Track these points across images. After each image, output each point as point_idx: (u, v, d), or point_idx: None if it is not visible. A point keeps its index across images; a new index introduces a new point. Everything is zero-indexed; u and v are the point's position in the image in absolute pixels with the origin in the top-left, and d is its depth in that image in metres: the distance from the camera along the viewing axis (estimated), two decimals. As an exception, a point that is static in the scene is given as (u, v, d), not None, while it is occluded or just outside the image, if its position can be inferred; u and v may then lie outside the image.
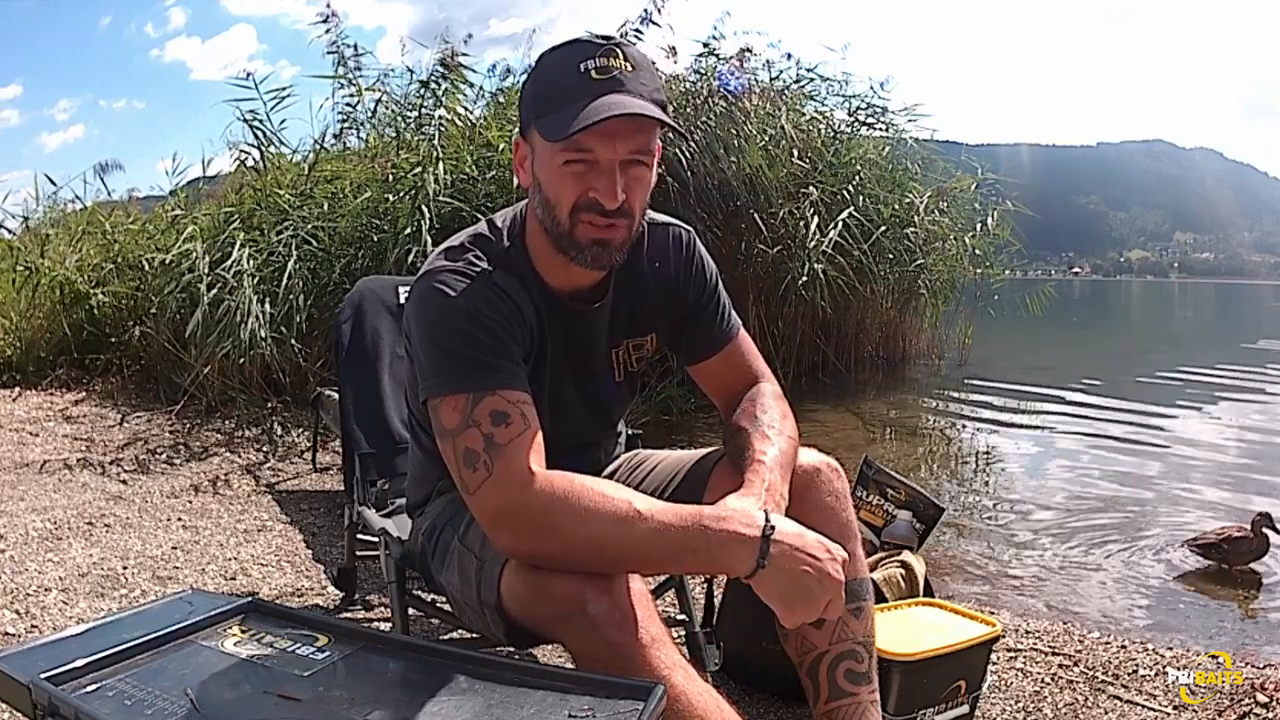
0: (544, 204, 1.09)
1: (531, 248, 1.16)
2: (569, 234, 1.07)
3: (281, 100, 5.07)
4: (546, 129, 1.03)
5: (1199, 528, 3.12)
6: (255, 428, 3.99)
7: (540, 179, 1.08)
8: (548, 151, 1.05)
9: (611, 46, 1.04)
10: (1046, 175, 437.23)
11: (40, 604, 2.07)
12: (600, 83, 1.02)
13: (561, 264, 1.13)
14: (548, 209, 1.08)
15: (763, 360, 1.32)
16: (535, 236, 1.15)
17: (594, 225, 1.06)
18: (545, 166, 1.07)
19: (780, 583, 0.97)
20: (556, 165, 1.05)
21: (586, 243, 1.07)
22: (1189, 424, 5.38)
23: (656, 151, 1.09)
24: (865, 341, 6.70)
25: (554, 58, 1.07)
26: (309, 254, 4.48)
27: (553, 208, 1.07)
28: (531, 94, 1.09)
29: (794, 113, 6.09)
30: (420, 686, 0.91)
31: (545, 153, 1.06)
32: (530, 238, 1.16)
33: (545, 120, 1.04)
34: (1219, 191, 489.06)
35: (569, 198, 1.06)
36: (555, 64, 1.06)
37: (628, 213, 1.07)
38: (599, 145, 1.03)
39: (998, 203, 7.28)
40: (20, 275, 5.14)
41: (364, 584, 2.21)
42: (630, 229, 1.10)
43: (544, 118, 1.04)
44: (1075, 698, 1.69)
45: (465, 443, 1.02)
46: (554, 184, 1.06)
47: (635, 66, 1.04)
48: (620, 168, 1.04)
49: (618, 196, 1.04)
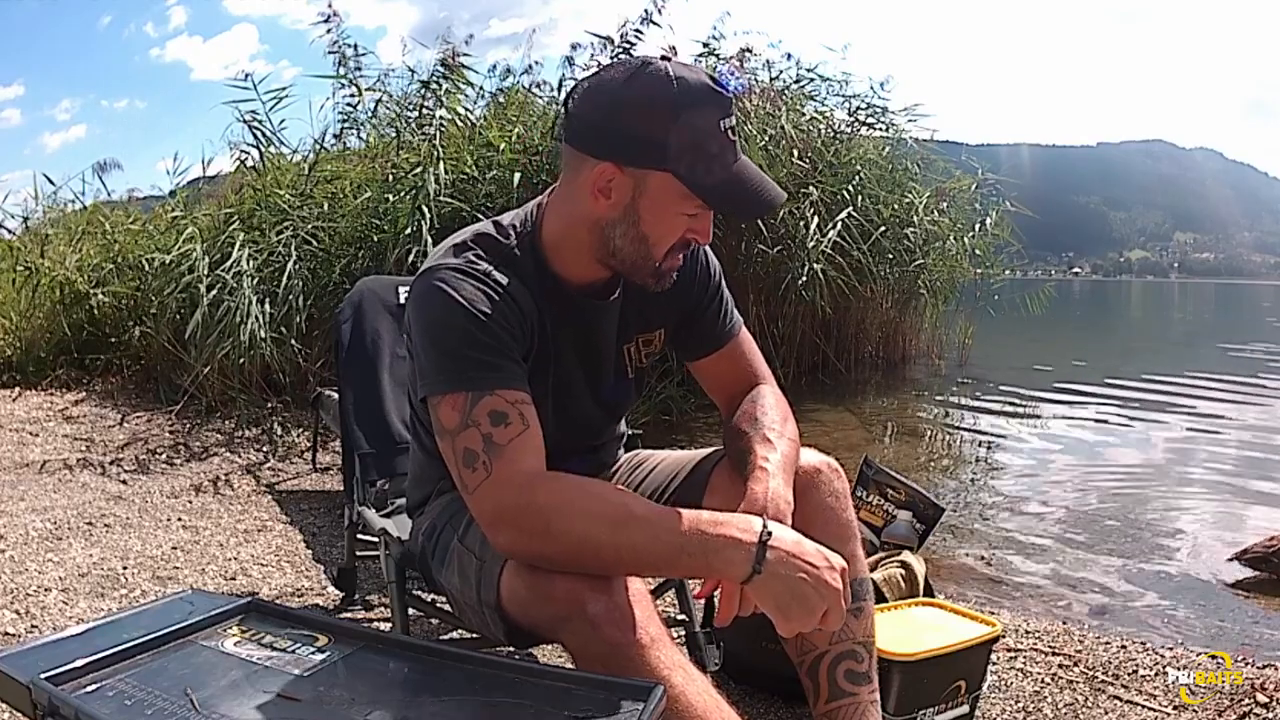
0: (636, 238, 1.10)
1: (546, 246, 1.16)
2: (657, 267, 1.12)
3: (281, 100, 5.08)
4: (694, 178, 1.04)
5: (1199, 528, 3.13)
6: (255, 428, 3.99)
7: (642, 214, 1.08)
8: (675, 197, 1.07)
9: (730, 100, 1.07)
10: (1046, 175, 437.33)
11: (40, 604, 2.07)
12: (734, 143, 1.08)
13: (579, 261, 1.14)
14: (639, 244, 1.10)
15: (764, 361, 1.33)
16: (562, 241, 1.14)
17: (679, 259, 1.14)
18: (660, 208, 1.08)
19: (776, 589, 0.96)
20: (676, 211, 1.08)
21: (668, 271, 1.14)
22: (1189, 424, 5.38)
23: None
24: (865, 341, 6.70)
25: (693, 105, 1.04)
26: (309, 254, 4.49)
27: (649, 244, 1.10)
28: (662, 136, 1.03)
29: (794, 113, 6.09)
30: (420, 686, 0.91)
31: (669, 196, 1.07)
32: (547, 236, 1.15)
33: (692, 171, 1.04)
34: (1219, 191, 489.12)
35: (674, 238, 1.11)
36: (697, 114, 1.04)
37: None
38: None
39: (997, 203, 7.28)
40: (20, 275, 5.14)
41: (364, 584, 2.21)
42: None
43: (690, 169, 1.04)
44: (1075, 698, 1.69)
45: (464, 442, 1.02)
46: (665, 225, 1.09)
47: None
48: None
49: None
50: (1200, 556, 2.81)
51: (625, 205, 1.08)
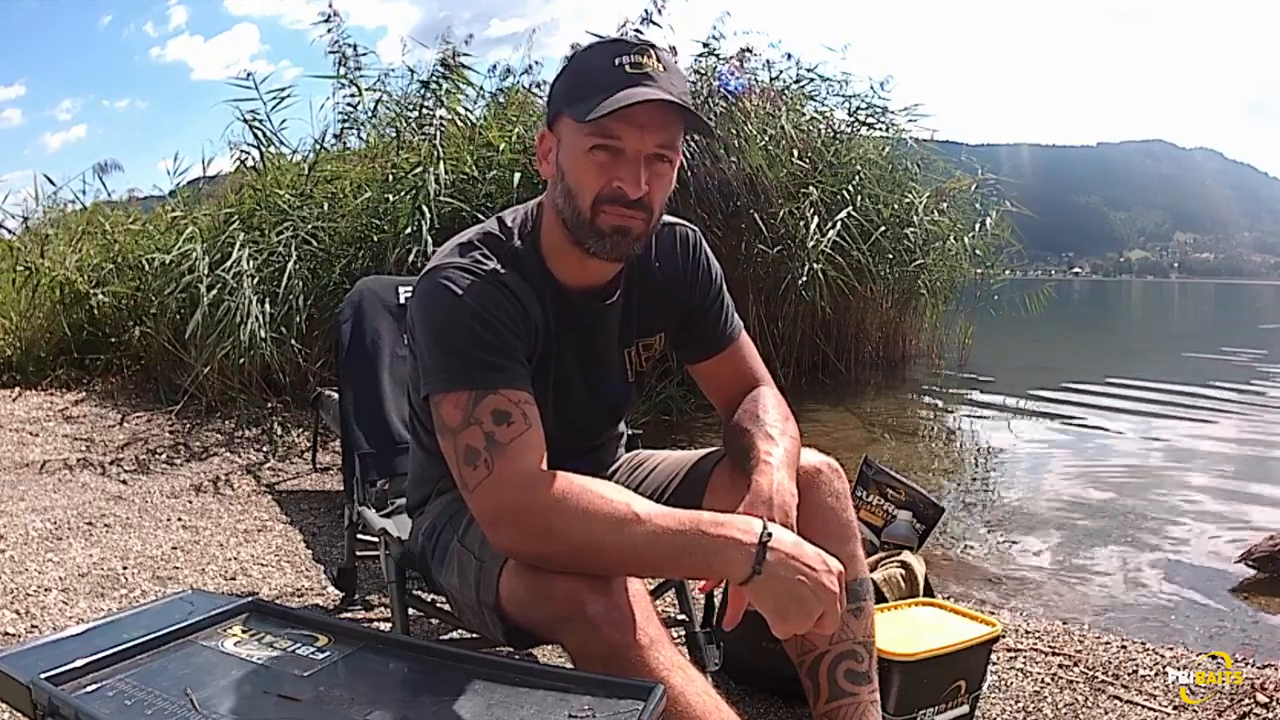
0: (565, 193, 1.09)
1: (545, 246, 1.16)
2: (590, 223, 1.08)
3: (281, 100, 5.08)
4: (577, 112, 1.04)
5: (1199, 528, 3.12)
6: (255, 428, 3.99)
7: (564, 167, 1.09)
8: (575, 138, 1.06)
9: (646, 46, 1.06)
10: (1046, 175, 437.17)
11: (40, 604, 2.07)
12: (633, 75, 1.03)
13: (576, 261, 1.14)
14: (569, 198, 1.08)
15: (763, 364, 1.33)
16: (551, 233, 1.15)
17: (616, 215, 1.07)
18: (571, 154, 1.07)
19: (775, 590, 0.96)
20: (583, 152, 1.06)
21: (608, 230, 1.07)
22: (1189, 424, 5.37)
23: (679, 155, 1.11)
24: (865, 341, 6.70)
25: (589, 53, 1.08)
26: (309, 254, 4.49)
27: (574, 196, 1.08)
28: (563, 85, 1.09)
29: (794, 113, 6.09)
30: (420, 686, 0.91)
31: (572, 140, 1.07)
32: (545, 235, 1.16)
33: (576, 107, 1.05)
34: (1219, 191, 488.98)
35: (593, 186, 1.06)
36: (590, 58, 1.07)
37: (648, 206, 1.08)
38: (627, 134, 1.04)
39: (998, 203, 7.28)
40: (20, 275, 5.15)
41: (364, 584, 2.21)
42: (649, 223, 1.11)
43: (574, 105, 1.05)
44: (1075, 698, 1.69)
45: (466, 440, 1.02)
46: (578, 172, 1.07)
47: (667, 68, 1.06)
48: (645, 161, 1.06)
49: (641, 186, 1.05)
50: (1200, 557, 2.81)
51: (556, 164, 1.11)
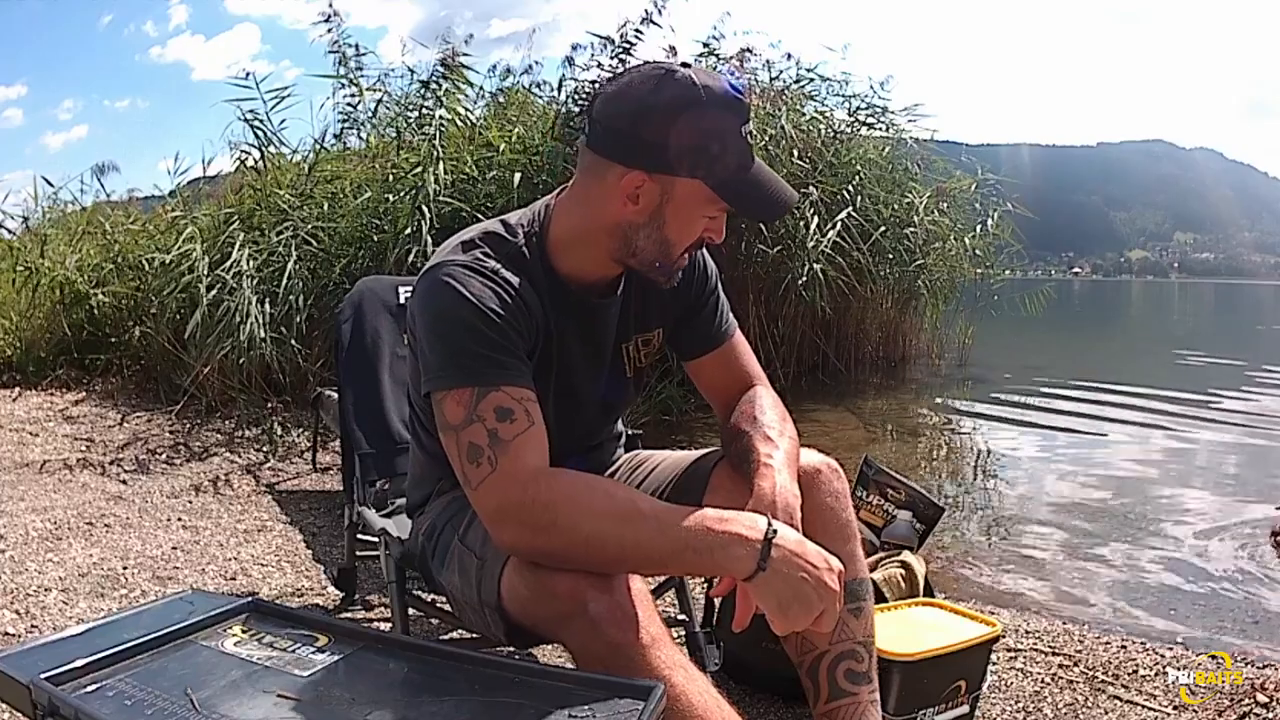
0: (660, 241, 1.12)
1: (556, 248, 1.16)
2: (671, 267, 1.15)
3: (282, 100, 5.07)
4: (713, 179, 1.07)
5: (1200, 528, 3.12)
6: (255, 428, 3.98)
7: (668, 218, 1.10)
8: (697, 199, 1.09)
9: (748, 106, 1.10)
10: (1047, 175, 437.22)
11: (40, 604, 2.07)
12: (752, 148, 1.11)
13: (588, 262, 1.15)
14: (663, 245, 1.12)
15: (757, 364, 1.33)
16: (574, 242, 1.15)
17: (687, 258, 1.17)
18: (686, 210, 1.10)
19: (778, 587, 0.97)
20: (701, 215, 1.11)
21: (679, 270, 1.17)
22: (1189, 424, 5.38)
23: None
24: (865, 341, 6.70)
25: (716, 114, 1.06)
26: (309, 254, 4.49)
27: (671, 246, 1.13)
28: (689, 140, 1.05)
29: (794, 113, 6.08)
30: (420, 686, 0.91)
31: (693, 199, 1.09)
32: (558, 239, 1.16)
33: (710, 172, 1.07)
34: (1219, 191, 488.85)
35: (694, 239, 1.13)
36: (719, 120, 1.06)
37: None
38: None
39: (998, 203, 7.28)
40: (20, 275, 5.14)
41: (364, 584, 2.21)
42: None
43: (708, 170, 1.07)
44: (1075, 698, 1.69)
45: (469, 437, 1.02)
46: (688, 226, 1.12)
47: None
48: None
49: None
50: (1201, 557, 2.81)
51: (652, 210, 1.10)
